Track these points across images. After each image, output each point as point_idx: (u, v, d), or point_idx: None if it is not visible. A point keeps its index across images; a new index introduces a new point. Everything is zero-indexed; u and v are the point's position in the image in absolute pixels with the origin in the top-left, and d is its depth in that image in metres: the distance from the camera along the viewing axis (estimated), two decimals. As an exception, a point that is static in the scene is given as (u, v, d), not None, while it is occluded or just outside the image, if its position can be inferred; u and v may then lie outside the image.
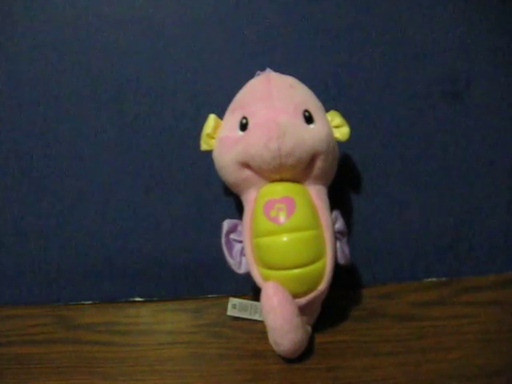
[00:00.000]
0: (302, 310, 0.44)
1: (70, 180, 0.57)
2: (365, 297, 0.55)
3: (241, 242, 0.47)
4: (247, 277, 0.46)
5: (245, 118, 0.45)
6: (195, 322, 0.53)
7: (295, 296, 0.43)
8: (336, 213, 0.48)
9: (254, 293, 0.52)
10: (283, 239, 0.43)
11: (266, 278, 0.44)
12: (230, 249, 0.47)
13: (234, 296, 0.51)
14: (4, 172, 0.57)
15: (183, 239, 0.57)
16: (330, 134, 0.46)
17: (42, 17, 0.55)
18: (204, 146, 0.49)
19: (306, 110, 0.45)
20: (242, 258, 0.47)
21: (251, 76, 0.49)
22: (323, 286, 0.44)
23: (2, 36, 0.56)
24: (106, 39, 0.56)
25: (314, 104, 0.47)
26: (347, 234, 0.49)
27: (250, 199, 0.47)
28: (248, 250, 0.46)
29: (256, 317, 0.49)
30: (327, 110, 0.48)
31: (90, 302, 0.57)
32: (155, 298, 0.58)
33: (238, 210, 0.55)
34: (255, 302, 0.49)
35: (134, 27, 0.56)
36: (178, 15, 0.56)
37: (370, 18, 0.56)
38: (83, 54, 0.56)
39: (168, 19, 0.56)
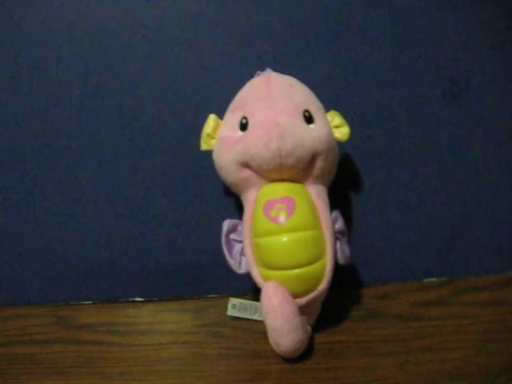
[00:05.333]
0: (302, 310, 0.44)
1: (69, 180, 0.57)
2: (365, 297, 0.55)
3: (241, 242, 0.47)
4: (247, 277, 0.46)
5: (245, 117, 0.45)
6: (195, 321, 0.53)
7: (295, 296, 0.43)
8: (336, 213, 0.48)
9: (254, 293, 0.52)
10: (283, 239, 0.43)
11: (265, 278, 0.44)
12: (230, 249, 0.47)
13: (234, 296, 0.51)
14: (4, 172, 0.57)
15: (183, 239, 0.57)
16: (330, 134, 0.46)
17: (41, 17, 0.55)
18: (204, 146, 0.49)
19: (306, 110, 0.45)
20: (242, 257, 0.47)
21: (251, 76, 0.50)
22: (323, 285, 0.44)
23: (2, 37, 0.56)
24: (106, 39, 0.56)
25: (314, 104, 0.47)
26: (347, 233, 0.49)
27: (250, 199, 0.47)
28: (248, 250, 0.46)
29: (256, 317, 0.49)
30: (327, 110, 0.48)
31: (89, 302, 0.57)
32: (155, 298, 0.58)
33: (238, 209, 0.55)
34: (255, 302, 0.49)
35: (134, 27, 0.56)
36: (177, 15, 0.56)
37: (369, 18, 0.56)
38: (83, 54, 0.56)
39: (168, 19, 0.56)
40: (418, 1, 0.56)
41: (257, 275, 0.45)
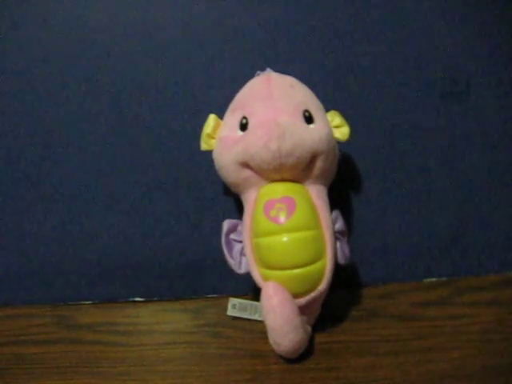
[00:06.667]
0: (302, 310, 0.44)
1: (69, 180, 0.57)
2: (365, 297, 0.55)
3: (241, 242, 0.47)
4: (247, 277, 0.46)
5: (245, 117, 0.45)
6: (195, 321, 0.53)
7: (295, 296, 0.43)
8: (336, 213, 0.48)
9: (254, 293, 0.52)
10: (283, 239, 0.43)
11: (265, 278, 0.44)
12: (230, 249, 0.47)
13: (234, 296, 0.51)
14: (4, 172, 0.57)
15: (183, 239, 0.57)
16: (330, 134, 0.46)
17: (42, 18, 0.55)
18: (204, 146, 0.49)
19: (305, 110, 0.45)
20: (242, 257, 0.47)
21: (251, 76, 0.50)
22: (323, 286, 0.44)
23: (3, 38, 0.56)
24: (107, 40, 0.56)
25: (314, 104, 0.47)
26: (347, 233, 0.49)
27: (250, 199, 0.47)
28: (248, 250, 0.46)
29: (256, 317, 0.49)
30: (327, 110, 0.48)
31: (89, 302, 0.57)
32: (155, 298, 0.57)
33: (238, 209, 0.55)
34: (255, 302, 0.49)
35: (134, 28, 0.56)
36: (177, 15, 0.56)
37: (369, 18, 0.56)
38: (83, 55, 0.56)
39: (168, 19, 0.56)
40: (418, 1, 0.56)
41: (257, 275, 0.45)
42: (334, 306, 0.51)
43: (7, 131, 0.57)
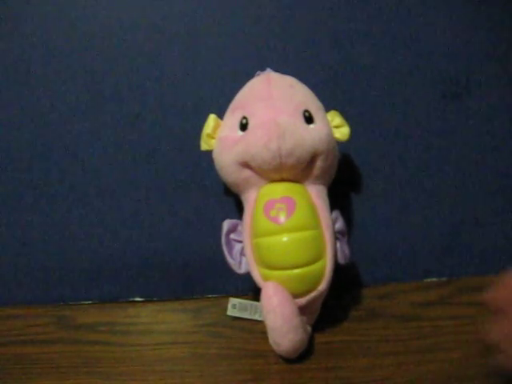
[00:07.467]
0: (302, 310, 0.44)
1: (69, 180, 0.57)
2: (365, 297, 0.55)
3: (241, 242, 0.47)
4: (247, 277, 0.46)
5: (245, 118, 0.45)
6: (195, 321, 0.53)
7: (295, 296, 0.43)
8: (336, 213, 0.48)
9: (254, 293, 0.52)
10: (283, 239, 0.43)
11: (265, 278, 0.44)
12: (230, 249, 0.47)
13: (234, 296, 0.51)
14: (4, 172, 0.57)
15: (183, 239, 0.57)
16: (330, 134, 0.46)
17: (42, 17, 0.55)
18: (204, 146, 0.49)
19: (306, 110, 0.45)
20: (242, 257, 0.47)
21: (251, 76, 0.50)
22: (323, 286, 0.44)
23: (2, 37, 0.56)
24: (106, 40, 0.56)
25: (314, 104, 0.47)
26: (347, 233, 0.49)
27: (250, 199, 0.47)
28: (248, 250, 0.46)
29: (256, 317, 0.49)
30: (327, 110, 0.48)
31: (89, 302, 0.57)
32: (155, 298, 0.57)
33: (238, 210, 0.55)
34: (255, 302, 0.49)
35: (134, 27, 0.56)
36: (177, 15, 0.56)
37: (370, 19, 0.56)
38: (83, 54, 0.56)
39: (168, 19, 0.56)
40: (418, 1, 0.56)
41: (257, 275, 0.45)
42: (334, 306, 0.51)
43: (7, 131, 0.57)
